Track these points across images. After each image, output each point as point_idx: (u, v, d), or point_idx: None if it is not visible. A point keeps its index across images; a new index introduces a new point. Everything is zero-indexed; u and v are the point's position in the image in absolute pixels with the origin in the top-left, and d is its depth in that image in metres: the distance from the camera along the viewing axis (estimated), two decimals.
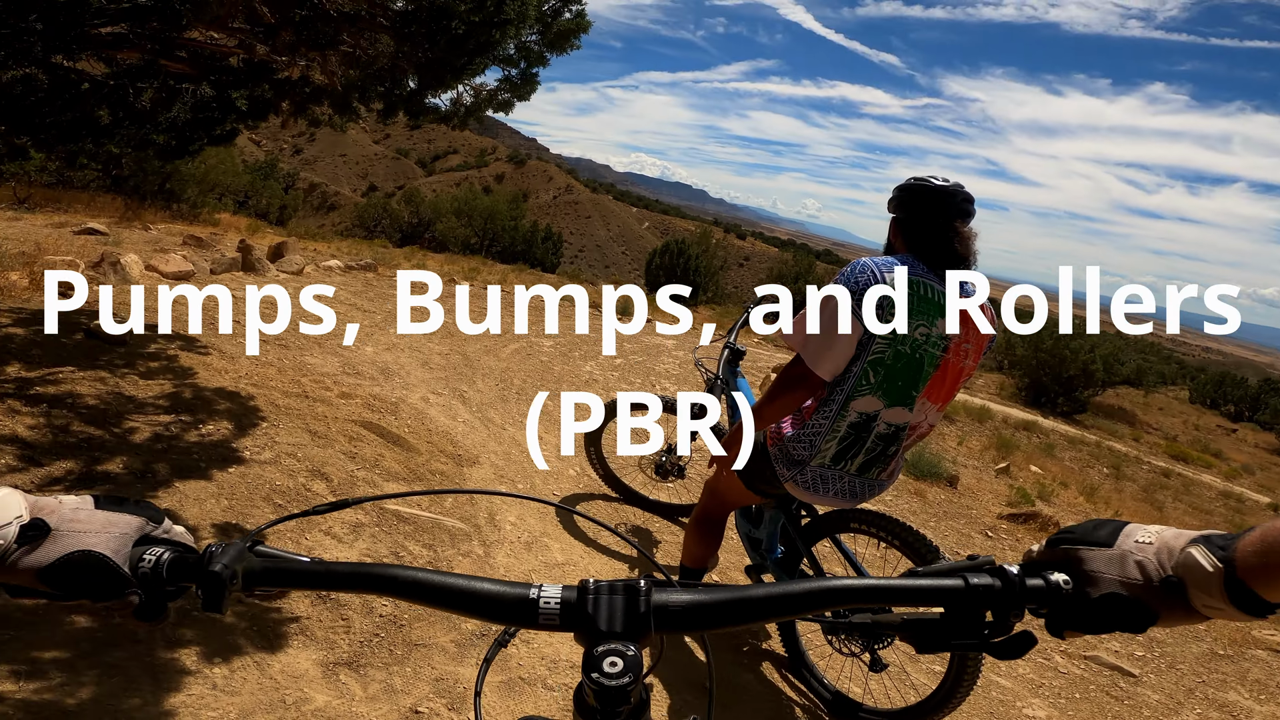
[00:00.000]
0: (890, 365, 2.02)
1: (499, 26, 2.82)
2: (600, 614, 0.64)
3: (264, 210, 21.25)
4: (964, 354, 2.10)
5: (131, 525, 0.67)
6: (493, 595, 0.66)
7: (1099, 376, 18.41)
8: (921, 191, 2.09)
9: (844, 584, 0.69)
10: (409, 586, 0.67)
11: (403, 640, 2.37)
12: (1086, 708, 3.01)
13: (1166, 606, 0.66)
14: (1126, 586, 0.67)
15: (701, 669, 2.63)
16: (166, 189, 13.02)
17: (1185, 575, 0.65)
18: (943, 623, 0.68)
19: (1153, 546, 0.68)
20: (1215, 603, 0.63)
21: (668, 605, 0.65)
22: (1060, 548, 0.73)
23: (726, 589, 0.67)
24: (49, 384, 3.41)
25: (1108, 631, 0.68)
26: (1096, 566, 0.69)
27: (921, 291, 2.00)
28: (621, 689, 0.60)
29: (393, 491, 3.29)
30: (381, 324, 6.52)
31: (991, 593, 0.66)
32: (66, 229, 7.92)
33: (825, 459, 2.16)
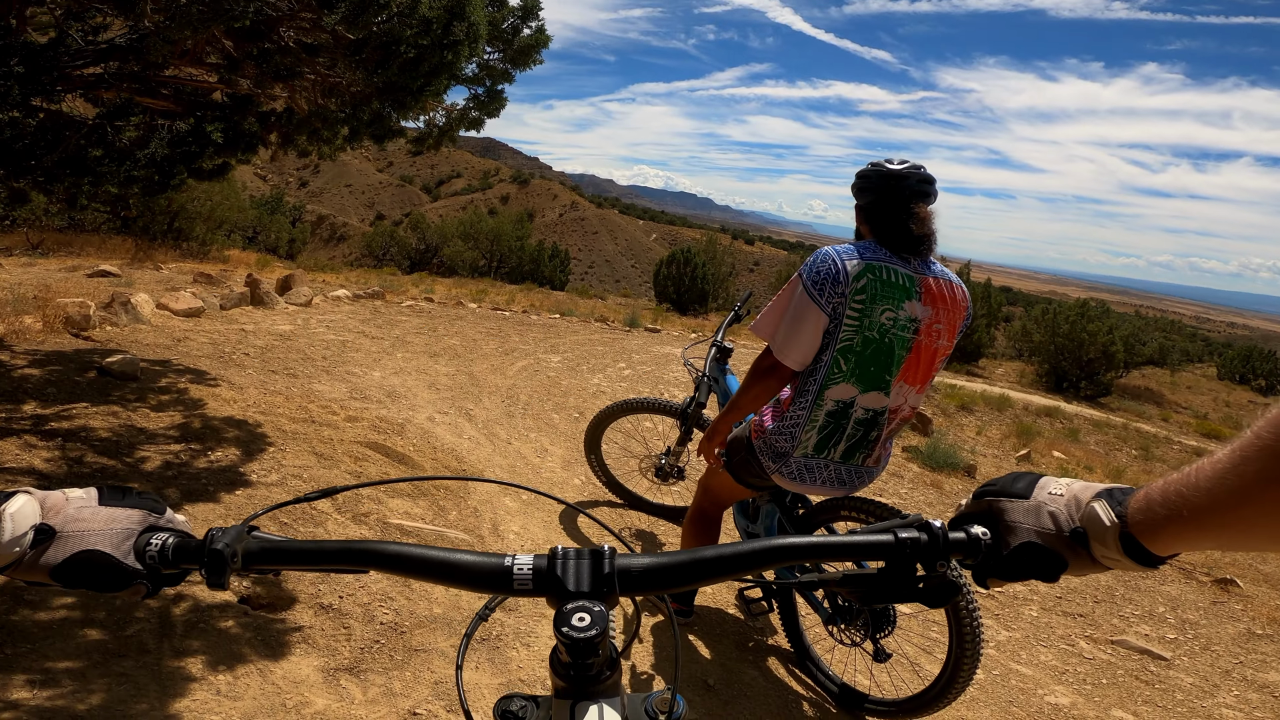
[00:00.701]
0: (860, 352, 2.03)
1: (450, 48, 2.85)
2: (569, 576, 0.69)
3: (273, 245, 21.50)
4: (936, 334, 2.09)
5: (134, 518, 0.72)
6: (471, 565, 0.71)
7: (1120, 358, 18.14)
8: (877, 177, 2.10)
9: (789, 542, 0.74)
10: (394, 560, 0.72)
11: (403, 646, 2.40)
12: (1114, 693, 2.93)
13: (1074, 555, 0.70)
14: (1041, 536, 0.71)
15: (706, 665, 2.63)
16: (175, 228, 13.20)
17: (1089, 527, 0.69)
18: (878, 576, 0.74)
19: (1063, 498, 0.72)
20: (1112, 554, 0.67)
21: (630, 568, 0.71)
22: (984, 499, 0.77)
23: (682, 553, 0.73)
24: (63, 419, 3.48)
25: (1024, 579, 0.72)
26: (1015, 517, 0.73)
27: (884, 276, 2.01)
28: (589, 640, 0.65)
29: (401, 507, 3.29)
30: (389, 349, 6.55)
31: (918, 545, 0.73)
32: (79, 272, 8.05)
33: (807, 449, 2.16)
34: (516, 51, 3.57)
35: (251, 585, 2.49)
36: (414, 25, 2.71)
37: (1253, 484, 0.54)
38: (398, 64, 2.82)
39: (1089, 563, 0.70)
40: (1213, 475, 0.57)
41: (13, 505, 0.68)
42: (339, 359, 5.79)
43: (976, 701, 2.71)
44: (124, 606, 2.24)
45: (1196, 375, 31.41)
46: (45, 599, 2.20)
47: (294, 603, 2.48)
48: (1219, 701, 3.00)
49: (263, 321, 6.69)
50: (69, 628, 2.11)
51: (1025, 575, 0.72)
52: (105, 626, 2.14)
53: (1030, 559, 0.71)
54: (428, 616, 2.58)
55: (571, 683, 0.69)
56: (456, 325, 8.41)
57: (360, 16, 2.53)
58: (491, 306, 10.91)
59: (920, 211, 2.07)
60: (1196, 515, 0.59)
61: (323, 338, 6.46)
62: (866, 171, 2.13)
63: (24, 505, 0.68)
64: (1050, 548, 0.70)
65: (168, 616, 2.26)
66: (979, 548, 0.74)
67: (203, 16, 2.15)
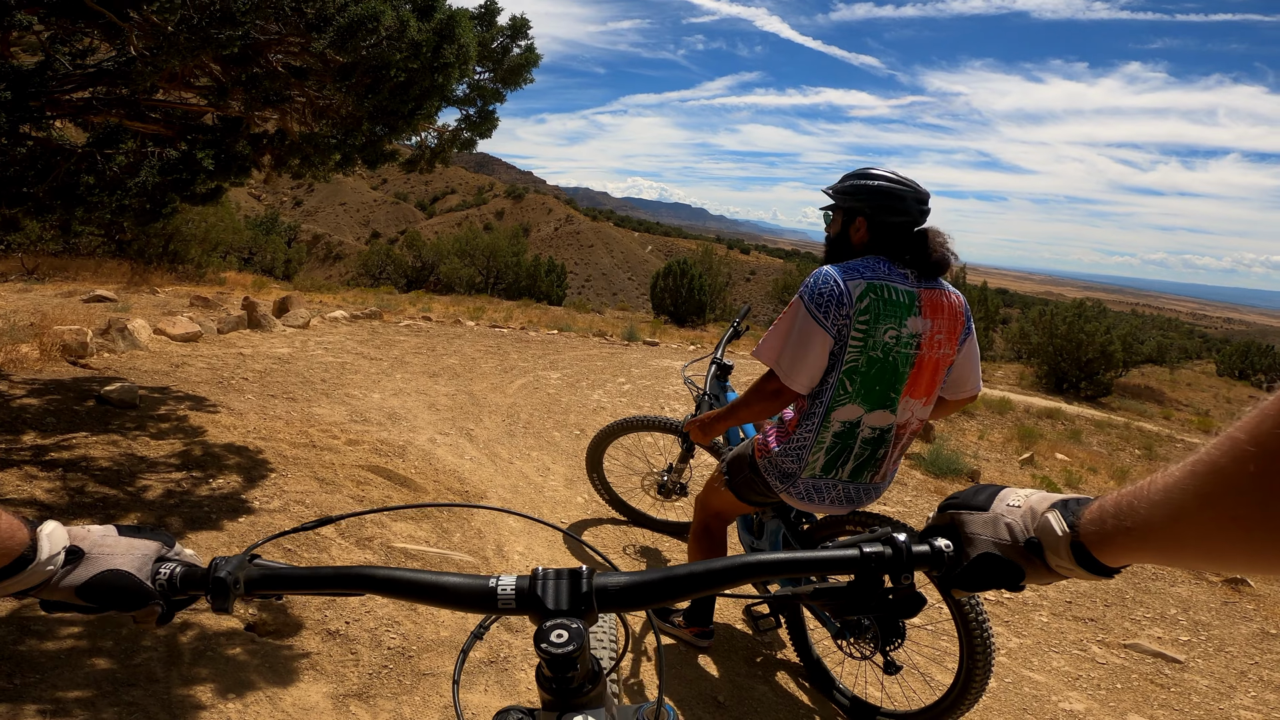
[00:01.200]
0: (865, 372, 2.01)
1: (440, 71, 2.84)
2: (548, 595, 0.74)
3: (269, 266, 21.52)
4: (938, 345, 2.07)
5: (150, 548, 0.79)
6: (458, 587, 0.77)
7: (1119, 357, 18.16)
8: (890, 193, 2.06)
9: (761, 559, 0.78)
10: (386, 584, 0.78)
11: (411, 670, 2.38)
12: (1130, 697, 2.90)
13: (1030, 565, 0.72)
14: (999, 546, 0.74)
15: (715, 682, 2.61)
16: (170, 250, 13.20)
17: (1043, 538, 0.71)
18: (848, 589, 0.77)
19: (1020, 510, 0.75)
20: (1065, 563, 0.69)
21: (606, 586, 0.76)
22: (948, 513, 0.80)
23: (658, 571, 0.77)
24: (63, 449, 3.46)
25: (986, 589, 0.74)
26: (974, 529, 0.77)
27: (887, 295, 1.99)
28: (567, 655, 0.69)
29: (405, 530, 3.27)
30: (388, 370, 6.53)
31: (883, 559, 0.76)
32: (75, 297, 8.04)
33: (815, 470, 2.14)
34: (507, 71, 3.57)
35: (258, 612, 2.48)
36: (403, 49, 2.71)
37: (1191, 501, 0.53)
38: (388, 88, 2.82)
39: (1045, 572, 0.72)
40: (1163, 489, 0.57)
41: (48, 527, 0.75)
42: (338, 381, 5.78)
43: (990, 710, 2.69)
44: (130, 635, 2.23)
45: (1196, 372, 31.44)
46: (52, 628, 2.19)
47: (300, 629, 2.46)
48: (1236, 703, 2.97)
49: (260, 345, 6.68)
50: (77, 657, 2.10)
51: (986, 585, 0.74)
52: (113, 655, 2.13)
53: (988, 569, 0.74)
54: (435, 640, 2.56)
55: (555, 695, 0.74)
56: (455, 344, 8.40)
57: (349, 41, 2.53)
58: (489, 324, 10.91)
59: (933, 233, 2.07)
60: (1143, 529, 0.59)
61: (321, 360, 6.44)
62: (878, 187, 2.07)
63: (55, 529, 0.75)
64: (1007, 558, 0.73)
65: (175, 644, 2.25)
66: (942, 559, 0.76)
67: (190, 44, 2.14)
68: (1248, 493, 0.47)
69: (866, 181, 2.09)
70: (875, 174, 2.10)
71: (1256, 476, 0.46)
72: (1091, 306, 19.75)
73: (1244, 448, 0.47)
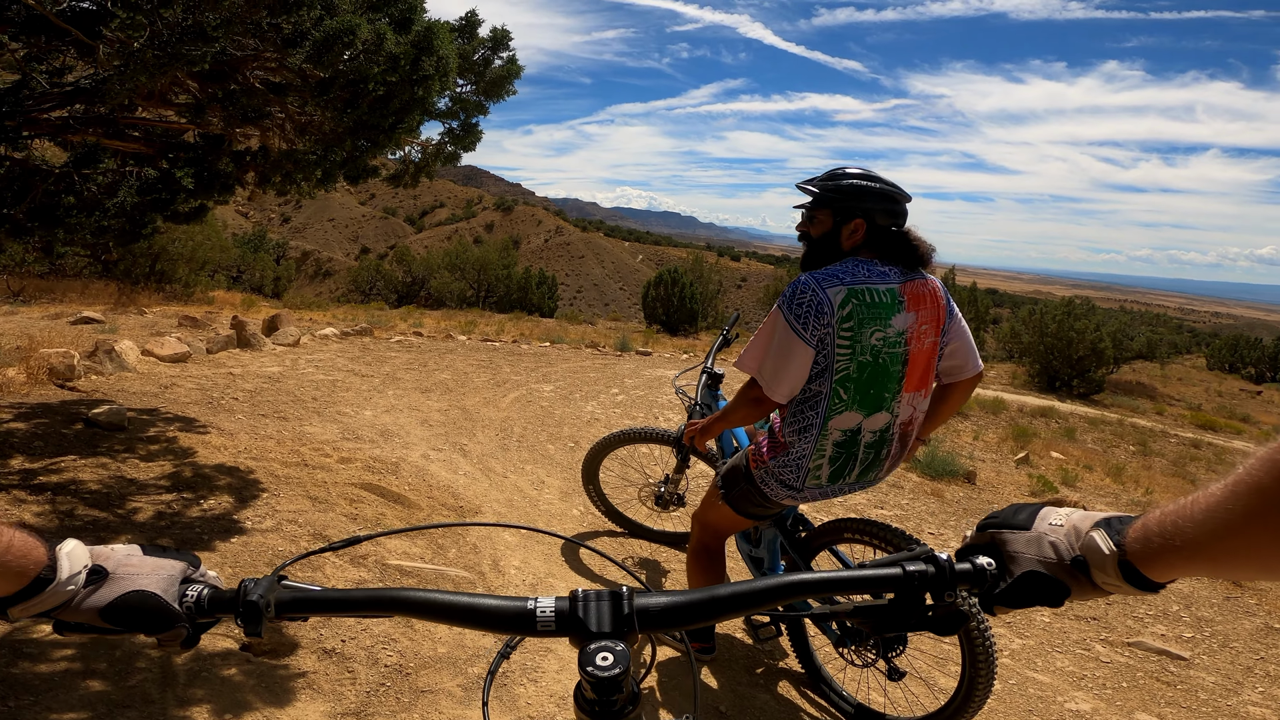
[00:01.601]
0: (858, 378, 1.99)
1: (419, 83, 2.81)
2: (590, 618, 0.73)
3: (258, 284, 21.43)
4: (924, 335, 2.06)
5: (176, 568, 0.77)
6: (496, 609, 0.75)
7: (1109, 354, 18.24)
8: (889, 196, 2.04)
9: (802, 578, 0.78)
10: (420, 606, 0.76)
11: (409, 688, 2.35)
12: (1136, 696, 2.88)
13: (1076, 582, 0.74)
14: (1044, 564, 0.75)
15: (717, 692, 2.59)
16: (158, 270, 13.12)
17: (1089, 556, 0.72)
18: (889, 606, 0.78)
19: (1063, 528, 0.76)
20: (1113, 580, 0.70)
21: (648, 608, 0.75)
22: (987, 532, 0.82)
23: (699, 592, 0.77)
24: (52, 473, 3.42)
25: (1030, 606, 0.76)
26: (1017, 548, 0.78)
27: (868, 299, 1.97)
28: (614, 679, 0.68)
29: (399, 547, 3.23)
30: (380, 387, 6.49)
31: (926, 577, 0.76)
32: (62, 319, 7.97)
33: (821, 480, 2.11)
34: (489, 83, 3.55)
35: None
36: (381, 62, 2.68)
37: (1240, 519, 0.56)
38: (367, 102, 2.78)
39: (1090, 589, 0.74)
40: (1206, 509, 0.60)
41: (67, 546, 0.72)
42: (329, 399, 5.73)
43: (994, 713, 2.66)
44: (124, 657, 2.20)
45: (1186, 367, 31.61)
46: (46, 650, 2.16)
47: (296, 648, 2.43)
48: (1244, 699, 2.95)
49: (250, 364, 6.63)
50: (71, 679, 2.08)
51: (1030, 602, 0.76)
52: (107, 677, 2.11)
53: (1034, 587, 0.75)
54: (432, 657, 2.53)
55: (597, 718, 0.72)
56: (447, 359, 8.36)
57: (325, 55, 2.50)
58: (481, 338, 10.87)
59: (913, 230, 2.08)
60: (1191, 546, 0.62)
61: (312, 378, 6.40)
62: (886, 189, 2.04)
63: (76, 548, 0.73)
64: (1053, 575, 0.75)
65: (169, 666, 2.22)
66: (985, 577, 0.78)
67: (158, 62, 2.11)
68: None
69: (870, 184, 2.04)
70: (870, 175, 2.07)
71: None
72: (1080, 304, 19.82)
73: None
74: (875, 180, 2.05)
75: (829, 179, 2.09)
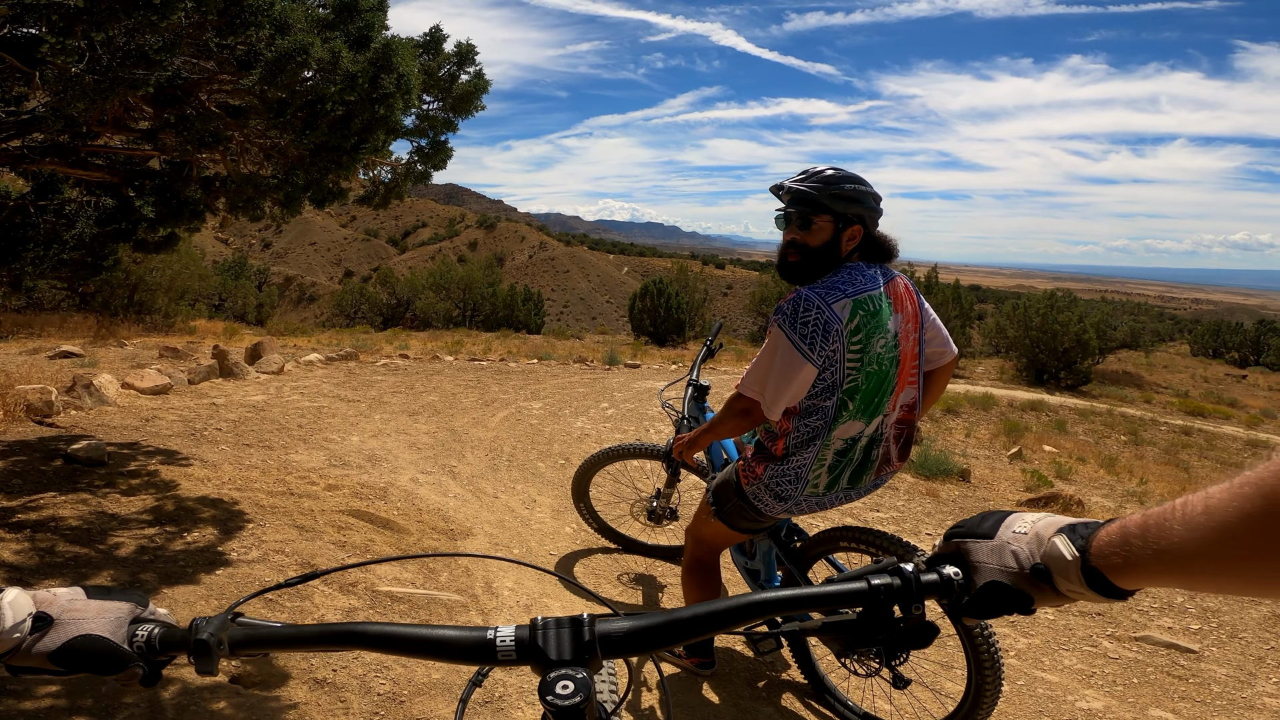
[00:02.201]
0: (864, 389, 1.97)
1: (380, 102, 2.75)
2: (550, 645, 0.71)
3: (240, 311, 21.24)
4: (909, 334, 2.05)
5: (123, 609, 0.76)
6: (456, 640, 0.73)
7: (1094, 345, 18.35)
8: (875, 195, 2.00)
9: (766, 598, 0.76)
10: (377, 639, 0.74)
11: (403, 716, 2.30)
12: (1148, 691, 2.84)
13: (1038, 591, 0.72)
14: (1006, 574, 0.74)
15: (718, 708, 2.53)
16: (136, 301, 12.95)
17: (1050, 563, 0.71)
18: (857, 622, 0.76)
19: (1026, 536, 0.75)
20: (1075, 587, 0.69)
21: (610, 633, 0.73)
22: (953, 541, 0.80)
23: (662, 614, 0.75)
24: (30, 510, 3.35)
25: (996, 615, 0.74)
26: (980, 557, 0.77)
27: (871, 308, 1.93)
28: (574, 707, 0.67)
29: (390, 573, 3.15)
30: (367, 412, 6.40)
31: (892, 590, 0.75)
32: (41, 354, 7.83)
33: (819, 488, 2.07)
34: (456, 99, 3.49)
35: (241, 665, 2.40)
36: (338, 81, 2.61)
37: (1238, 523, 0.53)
38: (326, 123, 2.71)
39: (1055, 596, 0.72)
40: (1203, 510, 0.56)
41: (8, 595, 0.72)
42: (315, 426, 5.64)
43: (1004, 715, 2.61)
44: (110, 693, 2.14)
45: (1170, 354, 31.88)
46: (30, 689, 2.11)
47: (287, 679, 2.37)
48: (1259, 691, 2.90)
49: (234, 393, 6.52)
50: (56, 715, 2.03)
51: (996, 612, 0.74)
52: (93, 714, 2.06)
53: (996, 597, 0.74)
54: (426, 684, 2.46)
55: None
56: (434, 380, 8.28)
57: (279, 76, 2.43)
58: (469, 357, 10.79)
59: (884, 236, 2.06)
60: (1176, 551, 0.59)
61: (297, 405, 6.30)
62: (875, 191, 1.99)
63: (18, 596, 0.72)
64: (1014, 585, 0.73)
65: (157, 701, 2.15)
66: (952, 588, 0.76)
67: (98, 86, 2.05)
68: None
69: (864, 187, 1.97)
70: (857, 176, 1.99)
71: None
72: (1062, 296, 19.97)
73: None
74: (865, 182, 1.99)
75: (823, 184, 1.97)
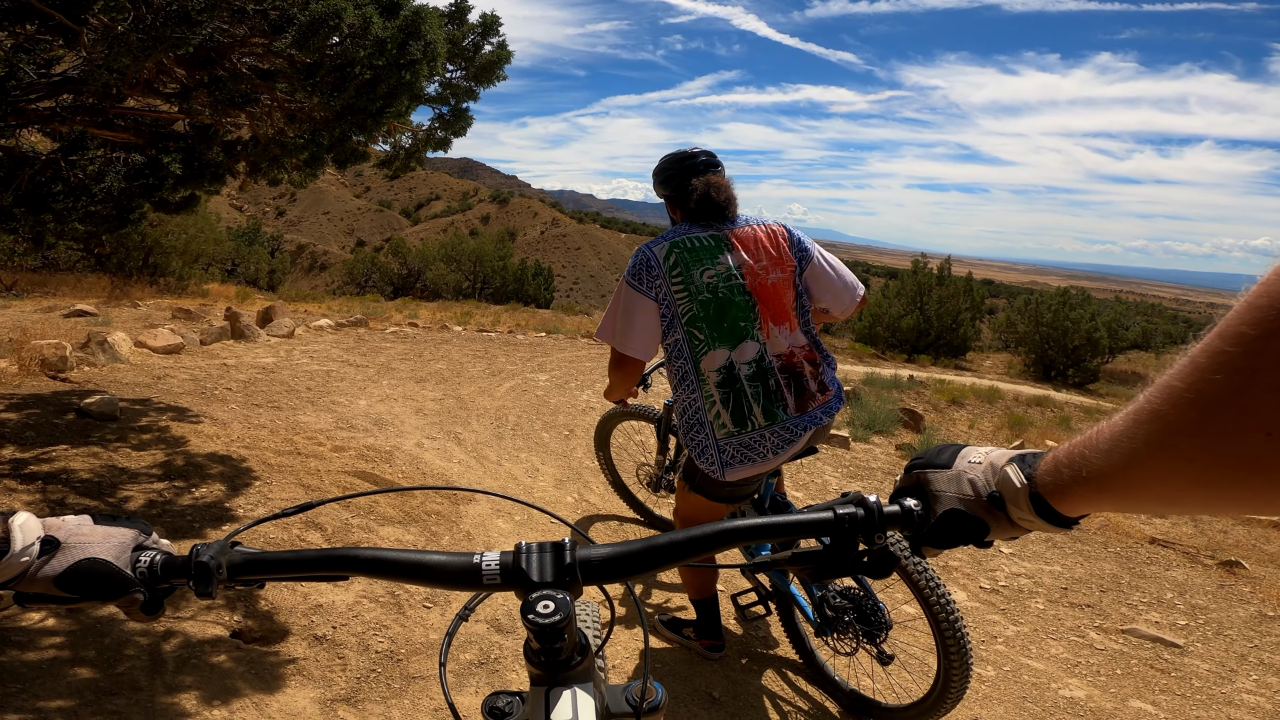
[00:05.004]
0: (704, 316, 2.13)
1: (407, 68, 2.80)
2: (532, 568, 0.74)
3: (253, 277, 21.34)
4: (766, 272, 2.20)
5: (128, 536, 0.78)
6: (443, 565, 0.76)
7: (1105, 344, 18.28)
8: (671, 164, 2.32)
9: (738, 524, 0.78)
10: (370, 564, 0.76)
11: (400, 674, 2.35)
12: (1131, 683, 2.88)
13: (994, 519, 0.74)
14: (963, 502, 0.75)
15: (710, 678, 2.58)
16: (151, 263, 13.04)
17: (1003, 490, 0.72)
18: (824, 552, 0.78)
19: (981, 465, 0.76)
20: (1026, 515, 0.70)
21: (590, 558, 0.76)
22: (913, 473, 0.82)
23: (640, 541, 0.78)
24: (43, 462, 3.41)
25: (954, 545, 0.76)
26: (939, 487, 0.78)
27: (688, 245, 2.17)
28: (554, 625, 0.69)
29: (392, 535, 3.22)
30: (375, 377, 6.47)
31: (856, 520, 0.77)
32: (55, 313, 7.92)
33: (728, 426, 2.14)
34: (479, 69, 3.53)
35: (243, 619, 2.46)
36: (368, 46, 2.66)
37: (1141, 448, 0.54)
38: (354, 86, 2.75)
39: (1008, 525, 0.73)
40: (1110, 439, 0.58)
41: (19, 518, 0.74)
42: (323, 389, 5.71)
43: (990, 699, 2.66)
44: (113, 644, 2.19)
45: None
46: (33, 639, 2.16)
47: (287, 635, 2.43)
48: (1238, 687, 2.94)
49: (244, 355, 6.60)
50: (59, 667, 2.08)
51: (954, 541, 0.76)
52: (95, 665, 2.10)
53: (954, 525, 0.75)
54: (423, 643, 2.52)
55: (544, 669, 0.74)
56: (442, 349, 8.34)
57: (311, 40, 2.47)
58: (477, 328, 10.84)
59: (717, 180, 2.25)
60: (1097, 477, 0.61)
61: (306, 368, 6.37)
62: (661, 165, 2.35)
63: (28, 520, 0.74)
64: (971, 513, 0.75)
65: (159, 652, 2.21)
66: (912, 519, 0.78)
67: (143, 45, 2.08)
68: (1194, 435, 0.49)
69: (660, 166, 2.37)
70: (669, 159, 2.35)
71: (1199, 422, 0.48)
72: (1076, 294, 19.86)
73: (1182, 395, 0.49)
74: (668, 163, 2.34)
75: (656, 174, 2.38)
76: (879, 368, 12.18)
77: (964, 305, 19.36)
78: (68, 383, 4.87)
